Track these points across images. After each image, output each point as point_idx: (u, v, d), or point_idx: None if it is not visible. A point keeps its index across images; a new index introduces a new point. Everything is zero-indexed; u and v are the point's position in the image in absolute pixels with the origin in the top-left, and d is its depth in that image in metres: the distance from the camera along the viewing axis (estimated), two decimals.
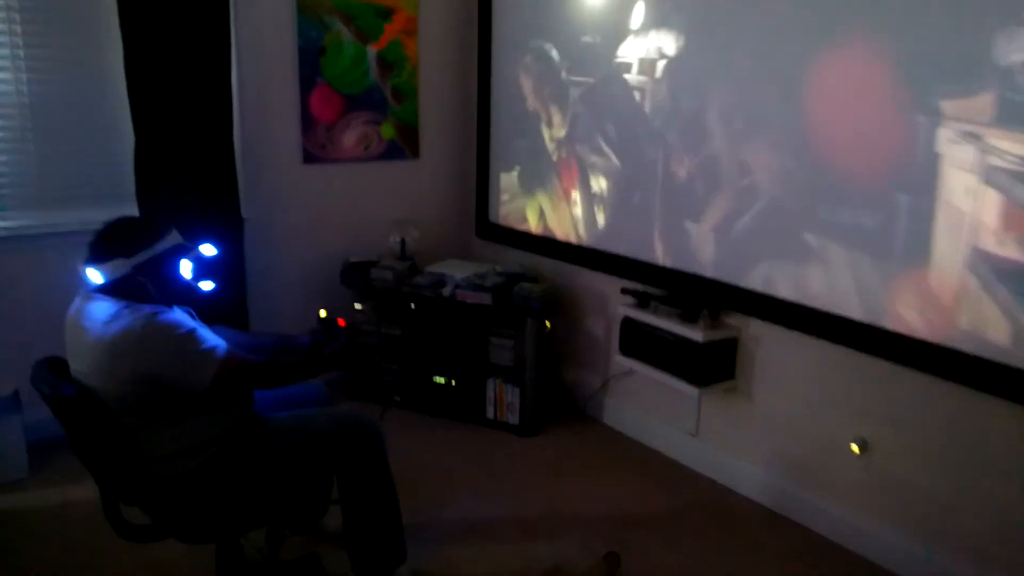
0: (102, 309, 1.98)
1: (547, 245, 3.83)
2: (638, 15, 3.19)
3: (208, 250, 2.22)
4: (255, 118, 3.72)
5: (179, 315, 2.05)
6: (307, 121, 3.85)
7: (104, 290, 2.02)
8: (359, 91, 3.96)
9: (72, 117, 3.37)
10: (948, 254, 2.30)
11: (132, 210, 3.36)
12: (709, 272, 3.03)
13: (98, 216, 2.15)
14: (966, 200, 2.25)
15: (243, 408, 2.17)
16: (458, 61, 4.24)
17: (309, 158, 3.90)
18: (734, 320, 3.05)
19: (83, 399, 1.95)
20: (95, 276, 2.02)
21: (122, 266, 2.00)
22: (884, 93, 2.42)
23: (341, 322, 2.41)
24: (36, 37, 3.25)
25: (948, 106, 2.27)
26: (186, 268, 2.13)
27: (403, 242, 3.96)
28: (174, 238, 2.10)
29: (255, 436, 2.16)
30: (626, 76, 3.27)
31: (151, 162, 3.37)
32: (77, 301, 2.07)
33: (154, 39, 3.28)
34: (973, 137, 2.22)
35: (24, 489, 3.03)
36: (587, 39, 3.45)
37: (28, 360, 2.12)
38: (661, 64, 3.12)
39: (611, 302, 3.55)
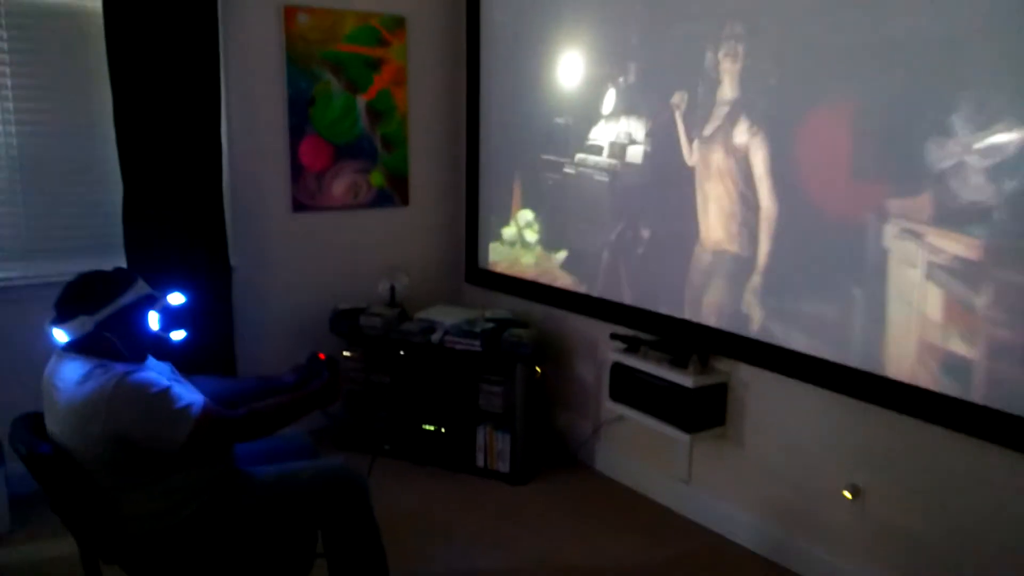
0: (73, 369, 1.95)
1: (536, 290, 3.84)
2: (609, 87, 3.25)
3: (176, 299, 2.17)
4: (244, 167, 3.75)
5: (152, 373, 2.01)
6: (297, 170, 3.88)
7: (73, 348, 1.99)
8: (349, 140, 4.00)
9: (61, 168, 3.38)
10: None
11: (120, 260, 3.35)
12: (697, 317, 3.04)
13: (86, 267, 2.13)
14: (913, 294, 2.37)
15: (224, 463, 2.14)
16: (447, 109, 4.29)
17: (298, 206, 3.92)
18: (723, 365, 3.05)
19: (59, 458, 1.92)
20: (60, 336, 1.98)
21: (85, 324, 1.95)
22: (840, 186, 2.55)
23: (321, 356, 2.37)
24: (26, 91, 3.28)
25: (893, 204, 2.39)
26: (153, 319, 2.08)
27: (392, 289, 3.97)
28: (139, 289, 2.05)
29: (237, 492, 2.12)
30: (607, 126, 3.32)
31: (140, 212, 3.38)
32: (52, 360, 2.04)
33: (144, 90, 3.31)
34: (914, 235, 2.35)
35: (7, 544, 2.98)
36: (573, 89, 3.50)
37: (13, 413, 2.10)
38: (647, 114, 3.17)
39: (601, 347, 3.55)
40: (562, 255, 3.67)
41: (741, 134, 2.80)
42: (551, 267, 3.73)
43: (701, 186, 2.97)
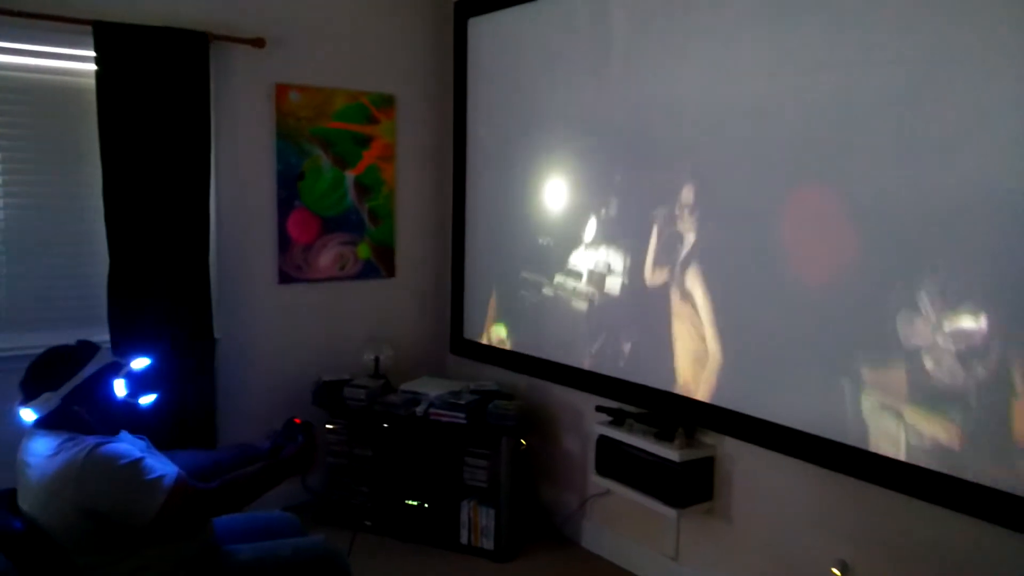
0: (44, 444, 1.94)
1: (521, 361, 3.83)
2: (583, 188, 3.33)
3: (140, 363, 2.17)
4: (232, 240, 3.77)
5: (124, 445, 1.99)
6: (284, 242, 3.90)
7: (43, 424, 1.98)
8: (336, 213, 4.04)
9: (46, 241, 3.39)
10: None
11: (104, 332, 3.33)
12: (682, 390, 3.04)
13: (69, 339, 2.13)
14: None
15: (202, 540, 2.09)
16: (434, 184, 4.36)
17: (285, 278, 3.93)
18: (710, 439, 3.04)
19: (32, 535, 1.88)
20: (28, 415, 1.98)
21: (51, 400, 1.96)
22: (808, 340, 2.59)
23: (297, 420, 2.36)
24: (15, 164, 3.31)
25: (867, 374, 2.41)
26: (120, 386, 2.08)
27: (377, 360, 3.95)
28: (101, 359, 2.05)
29: (215, 570, 2.07)
30: (586, 252, 3.38)
31: (125, 284, 3.38)
32: (24, 438, 2.02)
33: (134, 164, 3.35)
34: (892, 410, 2.35)
35: None
36: (558, 177, 3.58)
37: None
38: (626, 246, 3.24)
39: (587, 419, 3.53)
40: (553, 327, 3.64)
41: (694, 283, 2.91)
42: (541, 338, 3.71)
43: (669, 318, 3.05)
